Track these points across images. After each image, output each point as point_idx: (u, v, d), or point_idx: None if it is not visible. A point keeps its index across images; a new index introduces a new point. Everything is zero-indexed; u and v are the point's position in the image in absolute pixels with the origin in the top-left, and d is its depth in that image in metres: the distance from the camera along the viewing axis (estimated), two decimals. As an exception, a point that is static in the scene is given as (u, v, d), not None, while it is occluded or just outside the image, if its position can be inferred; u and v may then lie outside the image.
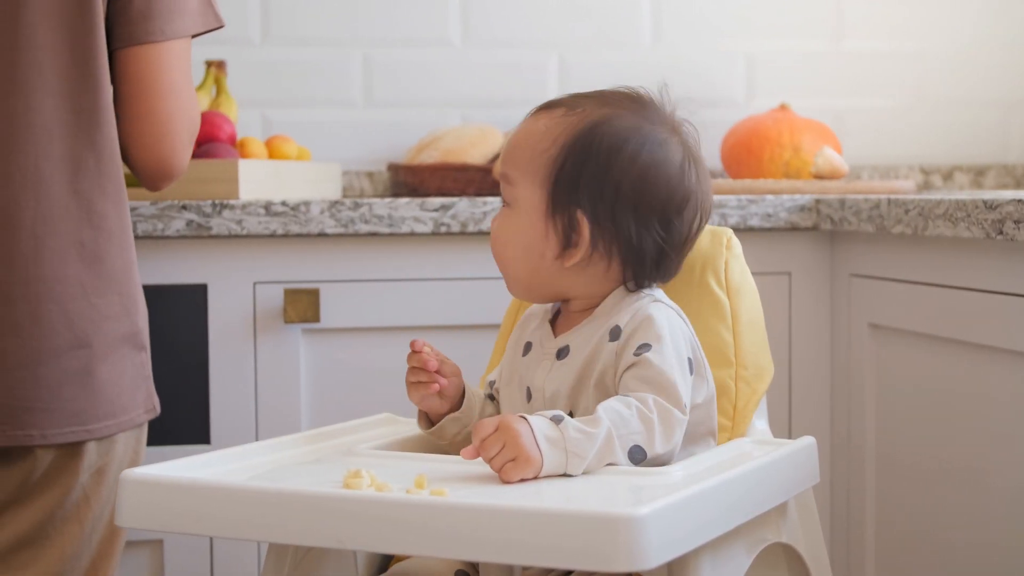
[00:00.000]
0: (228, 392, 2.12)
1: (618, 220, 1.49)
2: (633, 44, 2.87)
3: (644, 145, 1.50)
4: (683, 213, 1.52)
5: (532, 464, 1.33)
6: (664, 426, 1.40)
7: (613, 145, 1.49)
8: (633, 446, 1.38)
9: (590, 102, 1.53)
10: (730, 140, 2.72)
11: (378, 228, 2.11)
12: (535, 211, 1.50)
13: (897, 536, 2.05)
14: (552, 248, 1.50)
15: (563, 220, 1.49)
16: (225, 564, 2.11)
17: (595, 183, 1.49)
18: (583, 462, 1.35)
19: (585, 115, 1.51)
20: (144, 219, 2.06)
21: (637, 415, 1.39)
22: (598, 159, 1.49)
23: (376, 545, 1.24)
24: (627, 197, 1.49)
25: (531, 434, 1.33)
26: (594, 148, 1.49)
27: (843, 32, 2.93)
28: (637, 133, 1.51)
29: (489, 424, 1.34)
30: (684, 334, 1.49)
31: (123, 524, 1.33)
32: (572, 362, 1.50)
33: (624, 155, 1.49)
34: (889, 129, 2.95)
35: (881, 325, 2.08)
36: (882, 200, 1.99)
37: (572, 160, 1.49)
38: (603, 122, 1.50)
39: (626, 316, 1.49)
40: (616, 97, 1.55)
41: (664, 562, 1.18)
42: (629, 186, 1.49)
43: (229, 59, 2.68)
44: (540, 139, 1.51)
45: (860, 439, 2.14)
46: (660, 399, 1.41)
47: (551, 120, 1.52)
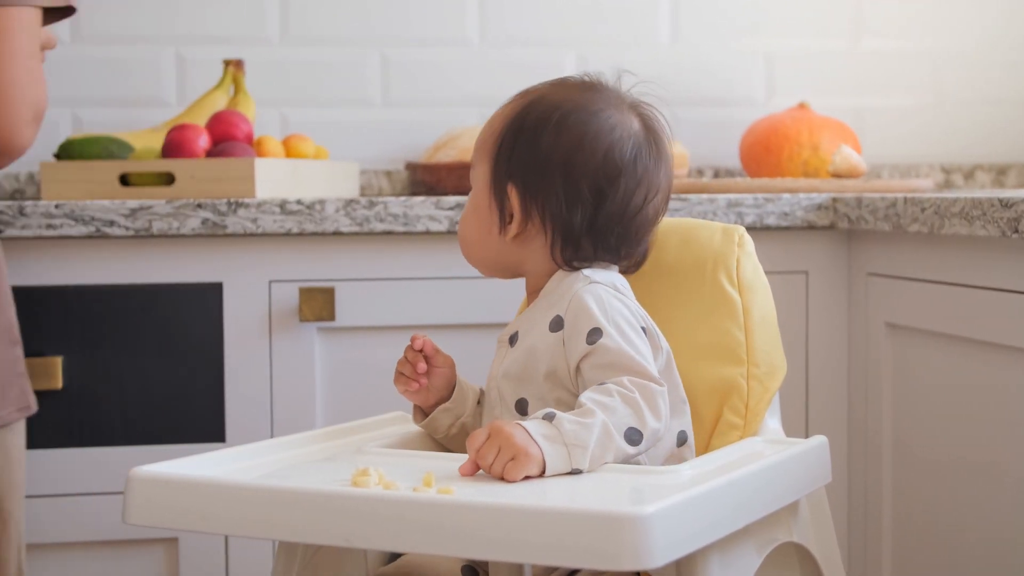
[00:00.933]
0: (243, 391, 2.12)
1: (546, 191, 1.52)
2: (652, 43, 2.86)
3: (571, 115, 1.53)
4: (618, 183, 1.52)
5: (532, 459, 1.33)
6: (648, 402, 1.40)
7: (542, 117, 1.53)
8: (627, 429, 1.38)
9: (541, 85, 1.59)
10: (749, 139, 2.71)
11: (393, 227, 2.10)
12: (484, 188, 1.56)
13: (914, 534, 2.05)
14: (495, 222, 1.55)
15: (499, 194, 1.54)
16: (240, 562, 2.11)
17: (525, 154, 1.53)
18: (586, 452, 1.35)
19: (529, 95, 1.57)
20: (159, 217, 2.06)
21: (620, 399, 1.39)
22: (528, 132, 1.53)
23: (382, 543, 1.24)
24: (555, 167, 1.52)
25: (525, 433, 1.34)
26: (526, 122, 1.54)
27: (863, 30, 2.92)
28: (567, 104, 1.54)
29: (480, 434, 1.35)
30: (625, 307, 1.49)
31: (130, 521, 1.33)
32: (518, 349, 1.52)
33: (550, 126, 1.52)
34: (909, 128, 2.94)
35: (898, 324, 2.07)
36: (898, 199, 1.98)
37: (508, 135, 1.54)
38: (540, 99, 1.55)
39: (564, 303, 1.49)
40: (567, 80, 1.60)
41: (670, 561, 1.18)
42: (558, 156, 1.52)
43: (248, 58, 2.69)
44: (492, 122, 1.58)
45: (877, 438, 2.13)
46: (634, 378, 1.41)
47: (508, 104, 1.58)
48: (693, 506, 1.23)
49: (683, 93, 2.86)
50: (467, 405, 1.59)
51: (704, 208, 2.16)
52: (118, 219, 2.05)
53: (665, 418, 1.42)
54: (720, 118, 2.88)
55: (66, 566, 2.11)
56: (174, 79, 2.74)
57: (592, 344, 1.44)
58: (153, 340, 2.10)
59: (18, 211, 2.04)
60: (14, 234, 2.04)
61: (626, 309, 1.49)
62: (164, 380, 2.11)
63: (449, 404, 1.58)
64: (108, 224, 2.05)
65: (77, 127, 2.70)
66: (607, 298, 1.48)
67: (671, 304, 1.61)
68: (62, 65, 2.70)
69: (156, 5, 2.73)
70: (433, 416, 1.58)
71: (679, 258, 1.65)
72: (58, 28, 2.68)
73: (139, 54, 2.73)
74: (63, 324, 2.08)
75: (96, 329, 2.09)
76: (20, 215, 2.04)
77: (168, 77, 2.74)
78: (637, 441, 1.39)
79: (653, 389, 1.42)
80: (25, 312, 2.06)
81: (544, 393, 1.48)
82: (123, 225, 2.06)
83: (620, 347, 1.44)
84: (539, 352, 1.49)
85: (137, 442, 2.10)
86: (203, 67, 2.73)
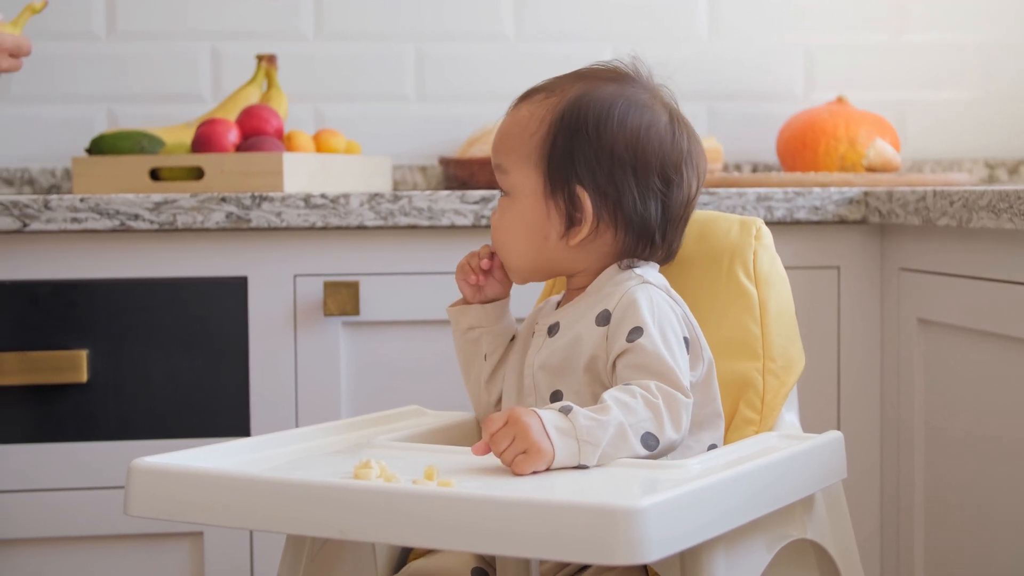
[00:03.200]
0: (268, 384, 2.12)
1: (619, 186, 1.50)
2: (690, 37, 2.84)
3: (630, 108, 1.52)
4: (681, 171, 1.52)
5: (543, 456, 1.32)
6: (671, 411, 1.39)
7: (599, 113, 1.50)
8: (644, 433, 1.37)
9: (566, 81, 1.55)
10: (786, 133, 2.68)
11: (418, 221, 2.10)
12: (534, 195, 1.51)
13: (946, 530, 2.02)
14: (556, 228, 1.51)
15: (564, 198, 1.50)
16: (265, 556, 2.11)
17: (589, 154, 1.49)
18: (596, 449, 1.33)
19: (565, 93, 1.53)
20: (184, 211, 2.06)
21: (643, 402, 1.37)
22: (587, 130, 1.50)
23: (377, 536, 1.23)
24: (623, 161, 1.50)
25: (541, 426, 1.32)
26: (581, 120, 1.50)
27: (904, 24, 2.88)
28: (620, 98, 1.52)
29: (498, 418, 1.33)
30: (674, 313, 1.48)
31: (131, 513, 1.33)
32: (560, 339, 1.50)
33: (612, 121, 1.50)
34: (952, 122, 2.90)
35: (930, 320, 2.04)
36: (928, 192, 1.95)
37: (562, 136, 1.50)
38: (584, 95, 1.52)
39: (614, 299, 1.48)
40: (590, 72, 1.57)
41: (666, 556, 1.16)
42: (623, 149, 1.50)
43: (281, 54, 2.68)
44: (526, 124, 1.52)
45: (909, 434, 2.10)
46: (662, 384, 1.39)
47: (533, 105, 1.54)
48: (693, 500, 1.21)
49: (721, 87, 2.84)
50: (497, 324, 1.60)
51: (733, 202, 2.13)
52: (143, 213, 2.06)
53: (684, 430, 1.41)
54: (758, 112, 2.86)
55: (91, 560, 2.11)
56: (209, 74, 2.74)
57: (631, 342, 1.43)
58: (178, 334, 2.10)
59: (43, 205, 2.04)
60: (39, 228, 2.04)
61: (674, 316, 1.48)
62: (189, 374, 2.11)
63: (482, 309, 1.59)
64: (133, 218, 2.06)
65: (113, 122, 2.71)
66: (658, 301, 1.47)
67: (687, 297, 1.59)
68: (98, 61, 2.71)
69: (191, 1, 2.74)
70: (464, 308, 1.60)
71: (696, 251, 1.64)
72: (94, 25, 2.70)
73: (174, 49, 2.74)
74: (88, 318, 2.09)
75: (121, 323, 2.09)
76: (45, 209, 2.04)
77: (203, 72, 2.74)
78: (653, 447, 1.38)
79: (679, 399, 1.40)
80: (50, 306, 2.07)
81: (581, 387, 1.48)
82: (148, 219, 2.06)
83: (657, 350, 1.42)
84: (583, 344, 1.48)
85: (162, 436, 2.10)
86: (238, 62, 2.73)
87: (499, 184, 1.55)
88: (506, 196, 1.54)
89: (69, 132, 2.70)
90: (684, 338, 1.47)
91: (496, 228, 1.55)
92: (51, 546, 2.11)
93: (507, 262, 1.56)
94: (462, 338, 1.63)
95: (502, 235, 1.55)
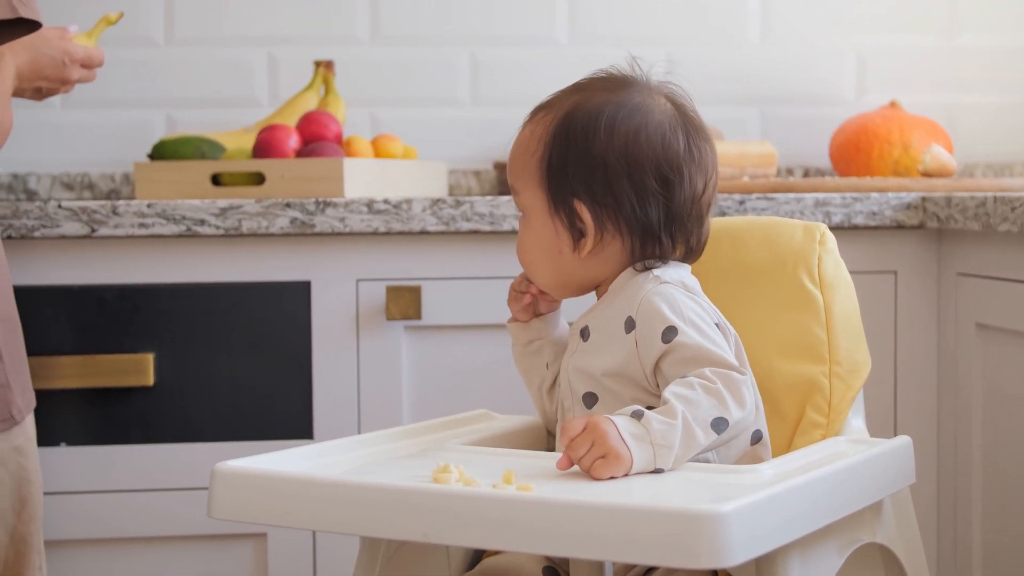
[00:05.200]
0: (331, 388, 2.14)
1: (616, 194, 1.51)
2: (741, 41, 2.85)
3: (618, 114, 1.52)
4: (682, 171, 1.52)
5: (622, 461, 1.33)
6: (731, 391, 1.40)
7: (587, 125, 1.51)
8: (712, 420, 1.38)
9: (563, 95, 1.57)
10: (839, 138, 2.69)
11: (479, 226, 2.11)
12: (541, 213, 1.54)
13: (1004, 538, 2.02)
14: (566, 243, 1.53)
15: (565, 213, 1.52)
16: (328, 558, 2.13)
17: (581, 166, 1.51)
18: (671, 452, 1.35)
19: (560, 109, 1.55)
20: (249, 217, 2.08)
21: (702, 391, 1.39)
22: (577, 143, 1.51)
23: (460, 539, 1.25)
24: (616, 169, 1.50)
25: (617, 432, 1.34)
26: (571, 134, 1.52)
27: (956, 28, 2.89)
28: (608, 105, 1.53)
29: (576, 424, 1.35)
30: (694, 304, 1.49)
31: (215, 516, 1.35)
32: (593, 345, 1.52)
33: (600, 131, 1.51)
34: (1003, 126, 2.90)
35: (988, 325, 2.05)
36: (988, 198, 1.96)
37: (556, 153, 1.52)
38: (575, 108, 1.53)
39: (635, 305, 1.49)
40: (586, 83, 1.59)
41: (748, 559, 1.18)
42: (614, 158, 1.50)
43: (338, 59, 2.71)
44: (527, 144, 1.56)
45: (966, 439, 2.11)
46: (715, 368, 1.41)
47: (534, 124, 1.57)
48: (772, 504, 1.23)
49: (773, 91, 2.85)
50: (554, 332, 1.62)
51: (791, 207, 2.15)
52: (208, 218, 2.08)
53: (750, 406, 1.42)
54: (810, 116, 2.87)
55: (155, 560, 2.14)
56: (266, 80, 2.77)
57: (668, 343, 1.45)
58: (242, 338, 2.13)
59: (111, 211, 2.07)
60: (107, 233, 2.07)
61: (697, 306, 1.49)
62: (253, 377, 2.13)
63: (540, 322, 1.62)
64: (199, 223, 2.08)
65: (171, 127, 2.74)
66: (677, 296, 1.48)
67: (752, 302, 1.61)
68: (156, 67, 2.74)
69: (248, 7, 2.76)
70: (523, 324, 1.63)
71: (760, 256, 1.65)
72: (152, 31, 2.73)
73: (232, 55, 2.76)
74: (154, 322, 2.12)
75: (187, 327, 2.12)
76: (113, 214, 2.07)
77: (260, 78, 2.77)
78: (723, 429, 1.39)
79: (735, 378, 1.41)
80: (116, 310, 2.10)
81: (618, 390, 1.49)
82: (213, 224, 2.08)
83: (697, 342, 1.44)
84: (612, 349, 1.49)
85: (226, 438, 2.13)
86: (294, 68, 2.76)
87: (517, 205, 1.58)
88: (523, 217, 1.57)
89: (128, 137, 2.73)
90: (715, 324, 1.48)
91: (518, 249, 1.58)
92: (115, 547, 2.13)
93: (536, 281, 1.59)
94: (523, 351, 1.65)
95: (524, 256, 1.58)
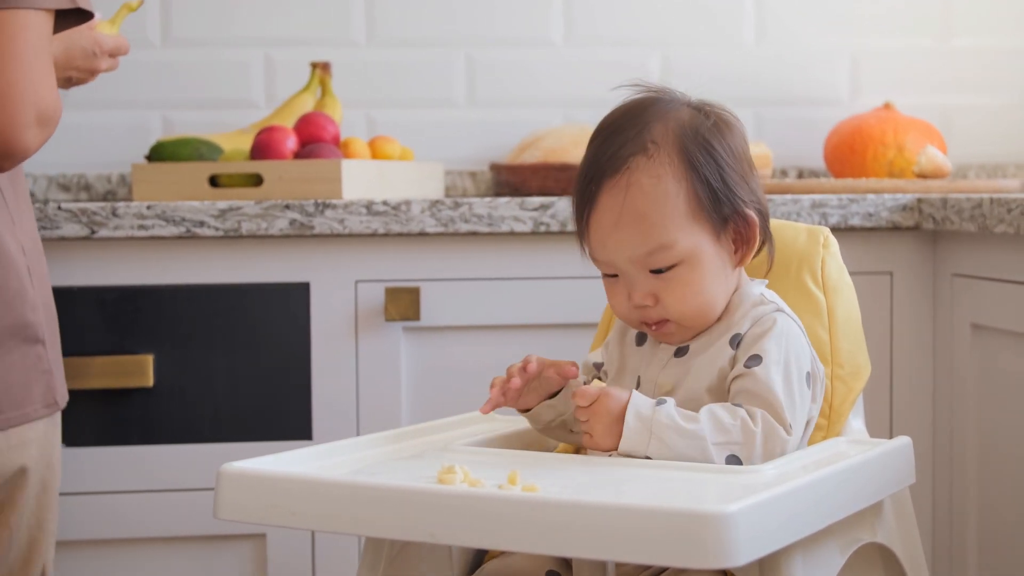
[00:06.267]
0: (330, 389, 2.15)
1: (754, 191, 1.52)
2: (736, 42, 2.86)
3: (702, 125, 1.51)
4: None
5: (602, 446, 1.41)
6: (768, 444, 1.42)
7: (712, 135, 1.50)
8: (729, 455, 1.40)
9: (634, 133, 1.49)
10: (833, 139, 2.70)
11: (478, 227, 2.12)
12: (707, 246, 1.49)
13: (1000, 538, 2.03)
14: (728, 261, 1.51)
15: (735, 227, 1.50)
16: (327, 558, 2.14)
17: (735, 173, 1.50)
18: (665, 449, 1.38)
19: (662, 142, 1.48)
20: (248, 218, 2.09)
21: (740, 427, 1.40)
22: (720, 154, 1.49)
23: (468, 540, 1.26)
24: (743, 167, 1.52)
25: (621, 409, 1.39)
26: (709, 151, 1.49)
27: (950, 29, 2.90)
28: (696, 112, 1.52)
29: (590, 394, 1.41)
30: (801, 350, 1.49)
31: (221, 516, 1.36)
32: (690, 361, 1.52)
33: (724, 134, 1.51)
34: (997, 127, 2.91)
35: (983, 325, 2.06)
36: (984, 199, 1.97)
37: (707, 174, 1.48)
38: (680, 130, 1.49)
39: (747, 323, 1.49)
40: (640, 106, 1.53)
41: (753, 559, 1.18)
42: (735, 158, 1.51)
43: (334, 60, 2.72)
44: (653, 197, 1.47)
45: (962, 440, 2.12)
46: (768, 416, 1.42)
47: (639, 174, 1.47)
48: (777, 505, 1.24)
49: (767, 93, 2.86)
50: (570, 406, 1.55)
51: (788, 209, 2.16)
52: (208, 220, 2.09)
53: None
54: (804, 118, 2.88)
55: (155, 561, 2.14)
56: (262, 81, 2.77)
57: (748, 368, 1.46)
58: (241, 339, 2.13)
59: (111, 212, 2.07)
60: (107, 235, 2.07)
61: (804, 353, 1.49)
62: (252, 378, 2.14)
63: (553, 401, 1.55)
64: (198, 225, 2.09)
65: (167, 129, 2.74)
66: (795, 333, 1.50)
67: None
68: (152, 68, 2.74)
69: (245, 8, 2.77)
70: (536, 410, 1.56)
71: (765, 258, 1.66)
72: (149, 32, 2.73)
73: (228, 57, 2.77)
74: (154, 323, 2.12)
75: (186, 328, 2.13)
76: (113, 216, 2.07)
77: (256, 79, 2.77)
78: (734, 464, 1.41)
79: (779, 434, 1.42)
80: (116, 311, 2.10)
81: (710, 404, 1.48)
82: (213, 226, 2.09)
83: (768, 381, 1.44)
84: (714, 364, 1.49)
85: (225, 439, 2.14)
86: (291, 69, 2.76)
87: (660, 264, 1.48)
88: (673, 269, 1.48)
89: (125, 138, 2.73)
90: (807, 373, 1.48)
91: (682, 299, 1.49)
92: (116, 548, 2.14)
93: (705, 319, 1.51)
94: (546, 428, 1.59)
95: (694, 299, 1.49)
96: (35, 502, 1.72)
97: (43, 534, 1.75)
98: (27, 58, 1.59)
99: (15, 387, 1.67)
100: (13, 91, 1.58)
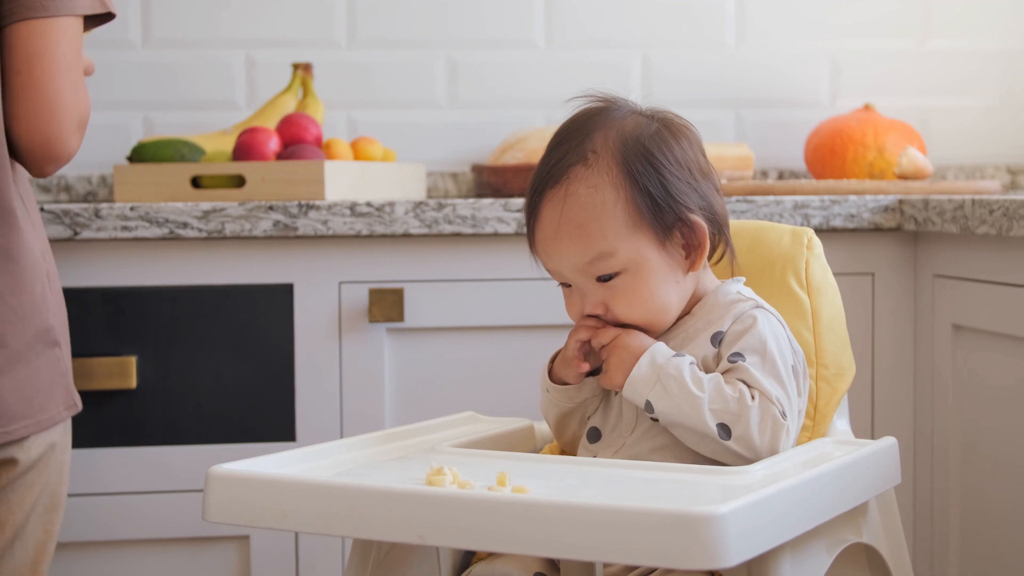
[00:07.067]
0: (313, 390, 2.15)
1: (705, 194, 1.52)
2: (717, 44, 2.87)
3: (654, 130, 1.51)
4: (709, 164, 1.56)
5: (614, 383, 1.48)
6: (764, 424, 1.43)
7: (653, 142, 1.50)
8: (720, 423, 1.42)
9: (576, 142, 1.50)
10: (814, 141, 2.71)
11: (462, 229, 2.12)
12: (650, 252, 1.49)
13: (982, 538, 2.04)
14: (679, 265, 1.51)
15: (680, 233, 1.50)
16: (310, 561, 2.14)
17: (679, 180, 1.50)
18: (666, 398, 1.42)
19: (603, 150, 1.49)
20: (231, 219, 2.09)
21: (738, 399, 1.43)
22: (662, 162, 1.49)
23: (458, 541, 1.26)
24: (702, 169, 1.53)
25: (641, 350, 1.46)
26: (649, 158, 1.49)
27: (929, 31, 2.91)
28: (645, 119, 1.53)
29: (609, 334, 1.48)
30: (788, 346, 1.50)
31: (210, 519, 1.36)
32: None
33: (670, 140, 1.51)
34: (976, 129, 2.93)
35: (964, 326, 2.07)
36: (966, 200, 1.98)
37: (647, 183, 1.48)
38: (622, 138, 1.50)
39: (728, 320, 1.50)
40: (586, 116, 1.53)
41: (744, 560, 1.19)
42: (695, 158, 1.52)
43: (316, 61, 2.72)
44: (591, 205, 1.47)
45: (943, 440, 2.13)
46: (766, 399, 1.44)
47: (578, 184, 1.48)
48: (767, 506, 1.24)
49: (748, 94, 2.87)
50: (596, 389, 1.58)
51: (770, 210, 2.16)
52: (191, 221, 2.08)
53: (773, 448, 1.44)
54: (785, 119, 2.89)
55: (138, 563, 2.14)
56: (243, 82, 2.77)
57: (732, 363, 1.47)
58: (225, 340, 2.13)
59: (94, 213, 2.07)
60: (90, 236, 2.07)
61: (786, 347, 1.50)
62: (236, 380, 2.13)
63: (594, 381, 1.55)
64: (181, 226, 2.08)
65: (148, 130, 2.74)
66: (776, 327, 1.51)
67: (741, 306, 1.62)
68: (133, 69, 2.74)
69: (226, 9, 2.76)
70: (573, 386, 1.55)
71: (748, 260, 1.67)
72: (130, 33, 2.72)
73: (209, 58, 2.76)
74: (137, 324, 2.12)
75: (169, 329, 2.12)
76: (96, 217, 2.07)
77: (237, 80, 2.77)
78: (724, 437, 1.43)
79: (777, 417, 1.44)
80: (99, 313, 2.10)
81: None
82: (196, 227, 2.08)
83: (755, 375, 1.45)
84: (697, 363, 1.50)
85: (209, 441, 2.13)
86: (272, 70, 2.76)
87: (603, 272, 1.49)
88: (618, 277, 1.49)
89: (105, 139, 2.72)
90: (791, 366, 1.49)
91: (629, 306, 1.50)
92: (98, 550, 2.13)
93: (657, 323, 1.52)
94: (569, 403, 1.57)
95: (643, 307, 1.50)
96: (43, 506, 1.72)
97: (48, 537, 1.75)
98: (68, 65, 1.65)
99: (42, 391, 1.68)
100: (59, 99, 1.63)
